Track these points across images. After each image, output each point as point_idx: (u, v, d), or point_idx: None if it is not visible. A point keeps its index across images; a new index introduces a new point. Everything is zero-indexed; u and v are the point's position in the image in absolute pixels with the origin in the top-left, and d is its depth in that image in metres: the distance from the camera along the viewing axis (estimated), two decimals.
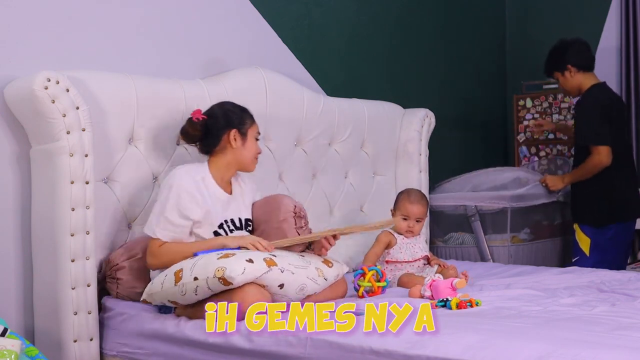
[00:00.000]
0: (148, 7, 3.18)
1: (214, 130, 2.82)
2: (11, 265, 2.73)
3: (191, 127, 2.84)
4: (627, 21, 4.64)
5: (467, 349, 2.02)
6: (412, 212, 3.29)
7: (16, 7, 2.76)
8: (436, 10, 4.73)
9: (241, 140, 2.83)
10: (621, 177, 3.97)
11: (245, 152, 2.85)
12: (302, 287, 2.58)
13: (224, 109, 2.86)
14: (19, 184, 2.75)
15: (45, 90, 2.57)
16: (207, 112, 2.86)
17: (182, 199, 2.69)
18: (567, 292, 2.87)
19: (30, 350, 2.21)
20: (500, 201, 4.11)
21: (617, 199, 3.96)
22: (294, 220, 2.90)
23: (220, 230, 2.78)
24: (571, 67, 4.00)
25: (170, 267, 2.59)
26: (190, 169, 2.78)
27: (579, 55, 4.01)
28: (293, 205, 2.94)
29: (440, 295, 2.68)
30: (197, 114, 2.83)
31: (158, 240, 2.69)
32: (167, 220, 2.68)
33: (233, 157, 2.84)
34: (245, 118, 2.87)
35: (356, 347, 2.18)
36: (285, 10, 3.79)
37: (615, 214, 3.95)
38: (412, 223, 3.29)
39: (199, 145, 2.88)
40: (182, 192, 2.69)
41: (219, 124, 2.82)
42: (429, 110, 4.18)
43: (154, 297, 2.60)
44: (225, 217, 2.81)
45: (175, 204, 2.68)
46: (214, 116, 2.84)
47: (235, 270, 2.40)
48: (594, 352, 1.90)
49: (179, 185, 2.70)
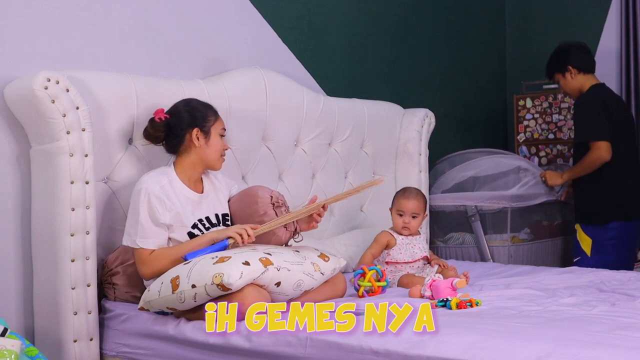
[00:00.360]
0: (148, 7, 3.18)
1: (176, 130, 2.79)
2: (11, 265, 2.73)
3: (153, 128, 2.81)
4: (627, 23, 4.64)
5: (467, 348, 2.02)
6: (406, 207, 3.29)
7: (16, 7, 2.76)
8: (436, 10, 4.73)
9: (204, 138, 2.79)
10: (624, 174, 3.98)
11: (209, 150, 2.80)
12: (299, 283, 2.58)
13: (186, 108, 2.82)
14: (19, 184, 2.75)
15: (45, 90, 2.57)
16: (169, 111, 2.83)
17: (152, 204, 2.65)
18: (567, 292, 2.87)
19: (30, 350, 2.21)
20: (500, 201, 4.11)
21: (619, 196, 3.96)
22: (274, 211, 2.85)
23: (194, 230, 2.75)
24: (572, 69, 4.02)
25: (165, 273, 2.58)
26: (155, 175, 2.74)
27: (580, 57, 4.04)
28: (269, 195, 2.86)
29: (440, 295, 2.68)
30: (160, 114, 2.80)
31: (143, 250, 2.67)
32: (144, 229, 2.65)
33: (197, 157, 2.80)
34: (208, 115, 2.81)
35: (356, 347, 2.18)
36: (285, 10, 3.79)
37: (617, 211, 3.95)
38: (407, 219, 3.28)
39: (164, 145, 2.85)
40: (151, 197, 2.66)
41: (181, 124, 2.78)
42: (429, 110, 4.18)
43: (151, 305, 2.58)
44: (198, 216, 2.78)
45: (147, 211, 2.65)
46: (176, 115, 2.80)
47: (233, 275, 2.39)
48: (594, 352, 1.90)
49: (146, 190, 2.67)
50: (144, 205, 2.65)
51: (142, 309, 2.62)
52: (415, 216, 3.30)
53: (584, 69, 4.03)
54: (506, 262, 4.05)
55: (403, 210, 3.29)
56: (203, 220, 2.79)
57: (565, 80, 4.06)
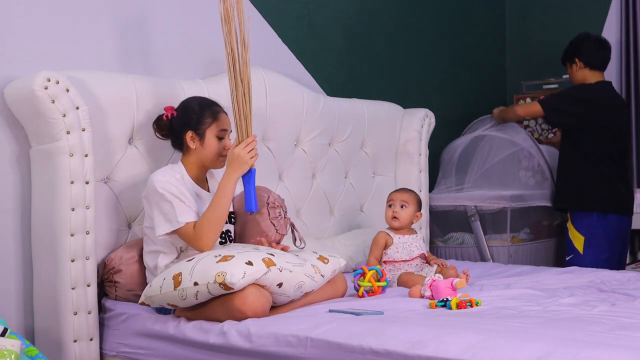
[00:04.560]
0: (148, 7, 3.18)
1: (175, 130, 2.81)
2: (11, 265, 2.73)
3: (158, 126, 2.84)
4: (627, 19, 4.65)
5: (467, 348, 2.02)
6: (395, 197, 3.33)
7: (16, 8, 2.76)
8: (436, 10, 4.73)
9: (199, 141, 2.78)
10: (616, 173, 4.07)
11: (205, 152, 2.79)
12: (300, 284, 2.58)
13: (187, 108, 2.81)
14: (19, 184, 2.75)
15: (45, 90, 2.57)
16: (177, 108, 2.85)
17: (173, 190, 2.65)
18: (567, 292, 2.87)
19: (30, 350, 2.21)
20: (500, 201, 4.12)
21: (615, 191, 4.04)
22: (267, 211, 2.88)
23: None
24: (579, 62, 4.09)
25: (168, 270, 2.58)
26: (167, 170, 2.75)
27: (590, 52, 4.09)
28: (267, 196, 2.93)
29: (440, 295, 2.68)
30: (168, 111, 2.82)
31: (186, 225, 2.65)
32: (176, 208, 2.63)
33: (197, 158, 2.80)
34: (204, 117, 2.79)
35: (356, 347, 2.18)
36: (285, 10, 3.79)
37: (614, 204, 4.03)
38: (396, 208, 3.29)
39: (170, 141, 2.87)
40: (170, 186, 2.66)
41: (178, 125, 2.79)
42: (429, 110, 4.18)
43: (152, 300, 2.58)
44: None
45: (171, 196, 2.64)
46: (179, 115, 2.81)
47: (236, 275, 2.40)
48: (594, 352, 1.90)
49: (163, 182, 2.66)
50: (166, 194, 2.64)
51: (142, 303, 2.62)
52: (405, 206, 3.29)
53: (591, 65, 4.09)
54: (506, 262, 4.05)
55: (392, 200, 3.33)
56: None
57: (572, 70, 4.16)
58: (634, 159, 4.61)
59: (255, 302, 2.45)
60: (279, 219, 2.94)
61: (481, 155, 4.42)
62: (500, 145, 4.40)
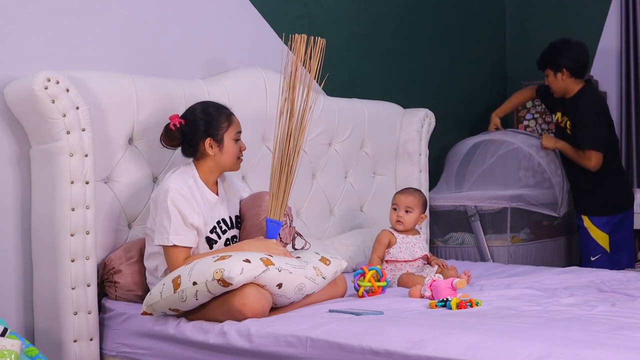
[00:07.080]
0: (148, 7, 3.18)
1: (189, 139, 2.77)
2: (11, 265, 2.73)
3: (168, 137, 2.79)
4: (627, 22, 4.65)
5: (467, 349, 2.02)
6: (400, 200, 3.30)
7: (16, 8, 2.76)
8: (436, 10, 4.73)
9: (218, 147, 2.77)
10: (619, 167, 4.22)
11: (225, 157, 2.79)
12: (301, 286, 2.58)
13: (200, 115, 2.78)
14: (19, 184, 2.75)
15: (45, 90, 2.57)
16: (184, 115, 2.79)
17: (181, 205, 2.65)
18: (567, 292, 2.87)
19: (30, 350, 2.21)
20: (500, 201, 4.12)
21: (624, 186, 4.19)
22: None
23: (212, 235, 2.77)
24: (565, 71, 4.06)
25: (167, 276, 2.57)
26: (180, 175, 2.73)
27: (577, 62, 4.07)
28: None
29: (440, 295, 2.68)
30: (174, 119, 2.77)
31: (176, 249, 2.65)
32: (175, 226, 2.64)
33: (214, 163, 2.79)
34: (220, 122, 2.78)
35: (356, 347, 2.18)
36: (285, 10, 3.79)
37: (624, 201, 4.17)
38: (401, 212, 3.28)
39: (181, 150, 2.84)
40: (180, 198, 2.65)
41: (194, 134, 2.76)
42: (429, 110, 4.18)
43: (154, 308, 2.57)
44: (216, 218, 2.79)
45: (177, 211, 2.64)
46: (190, 123, 2.76)
47: (234, 270, 2.40)
48: (594, 352, 1.90)
49: (175, 190, 2.66)
50: (173, 205, 2.64)
51: (145, 313, 2.61)
52: (409, 211, 3.28)
53: (576, 74, 4.08)
54: (506, 262, 4.05)
55: (397, 204, 3.31)
56: (220, 222, 2.81)
57: (555, 78, 4.11)
58: (634, 159, 4.62)
59: (255, 302, 2.45)
60: (284, 227, 2.94)
61: (482, 156, 4.43)
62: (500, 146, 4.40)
